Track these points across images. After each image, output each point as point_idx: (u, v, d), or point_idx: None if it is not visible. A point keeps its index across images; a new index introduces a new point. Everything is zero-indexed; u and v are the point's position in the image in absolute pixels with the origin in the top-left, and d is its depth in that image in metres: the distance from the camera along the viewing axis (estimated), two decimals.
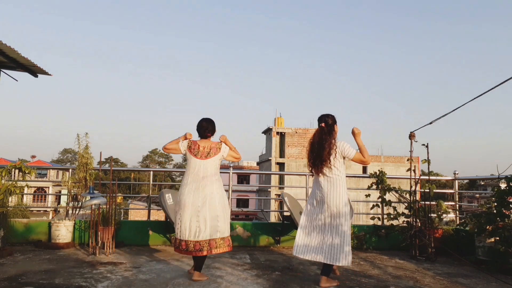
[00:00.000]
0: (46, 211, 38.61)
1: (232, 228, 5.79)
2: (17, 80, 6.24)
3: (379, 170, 5.93)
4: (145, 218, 6.22)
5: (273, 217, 25.56)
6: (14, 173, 5.25)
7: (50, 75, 6.29)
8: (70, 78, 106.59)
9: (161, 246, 5.48)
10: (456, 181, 6.65)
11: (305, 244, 3.71)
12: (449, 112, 4.50)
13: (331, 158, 3.66)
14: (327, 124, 3.77)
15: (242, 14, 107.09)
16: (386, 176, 5.80)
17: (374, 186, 5.86)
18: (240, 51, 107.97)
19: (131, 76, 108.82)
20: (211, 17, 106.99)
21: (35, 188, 35.90)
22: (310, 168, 3.83)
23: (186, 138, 3.87)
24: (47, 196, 38.91)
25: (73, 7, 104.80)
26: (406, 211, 5.51)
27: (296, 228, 5.42)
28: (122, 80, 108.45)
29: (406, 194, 5.60)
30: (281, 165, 35.95)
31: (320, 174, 3.72)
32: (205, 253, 3.57)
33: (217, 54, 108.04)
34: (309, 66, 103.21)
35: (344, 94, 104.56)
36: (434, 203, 5.50)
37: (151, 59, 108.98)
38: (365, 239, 5.75)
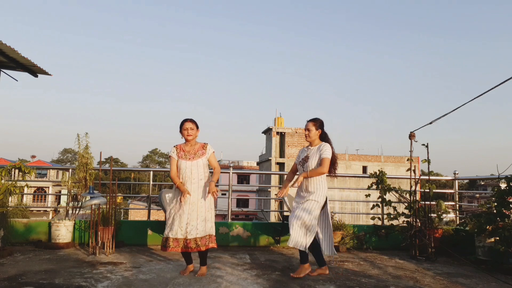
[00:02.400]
0: (46, 211, 38.62)
1: (232, 228, 5.79)
2: (17, 80, 6.25)
3: (379, 170, 5.93)
4: (145, 218, 6.22)
5: (273, 217, 25.55)
6: (14, 173, 5.25)
7: (50, 75, 6.29)
8: (70, 78, 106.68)
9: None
10: (456, 181, 6.64)
11: None
12: (449, 112, 4.50)
13: None
14: None
15: (243, 14, 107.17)
16: (386, 176, 5.80)
17: (374, 186, 5.86)
18: (240, 51, 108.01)
19: (131, 75, 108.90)
20: (211, 17, 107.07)
21: (35, 188, 35.90)
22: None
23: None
24: (47, 196, 38.91)
25: (73, 7, 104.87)
26: (406, 211, 5.51)
27: None
28: (122, 79, 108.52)
29: (406, 194, 5.60)
30: (281, 165, 35.95)
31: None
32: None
33: (217, 54, 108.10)
34: (310, 66, 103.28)
35: (344, 94, 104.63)
36: (434, 203, 5.50)
37: (151, 58, 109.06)
38: (365, 239, 5.75)
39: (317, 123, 4.10)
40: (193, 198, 3.83)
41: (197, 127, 4.02)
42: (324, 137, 4.12)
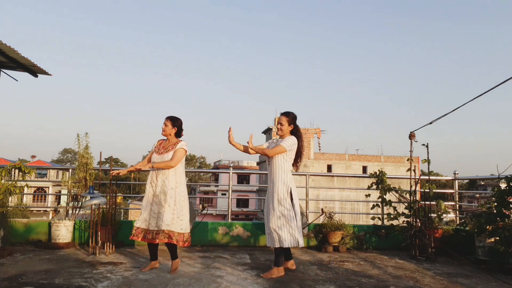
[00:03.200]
0: (46, 211, 38.61)
1: (232, 228, 5.79)
2: (17, 80, 6.25)
3: (379, 170, 5.93)
4: None
5: None
6: (14, 173, 5.25)
7: (50, 75, 6.29)
8: (70, 78, 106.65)
9: (161, 246, 5.47)
10: (456, 181, 6.64)
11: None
12: (449, 112, 4.50)
13: None
14: None
15: (244, 14, 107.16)
16: (386, 176, 5.80)
17: (374, 186, 5.86)
18: (240, 51, 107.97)
19: (131, 75, 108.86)
20: (211, 16, 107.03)
21: (35, 188, 35.88)
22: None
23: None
24: (47, 196, 38.91)
25: (72, 7, 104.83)
26: (406, 211, 5.51)
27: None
28: (122, 79, 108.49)
29: (406, 194, 5.60)
30: None
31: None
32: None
33: (218, 54, 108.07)
34: (309, 66, 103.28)
35: (344, 94, 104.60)
36: (434, 203, 5.50)
37: (152, 58, 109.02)
38: (365, 239, 5.75)
39: (290, 118, 4.14)
40: (156, 191, 3.97)
41: (173, 125, 4.10)
42: (295, 132, 4.17)
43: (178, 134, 4.16)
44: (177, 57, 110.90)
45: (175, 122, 4.11)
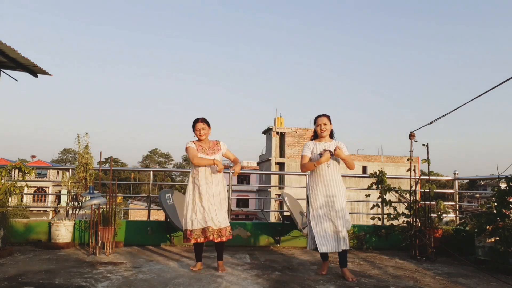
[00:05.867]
0: (46, 211, 38.60)
1: (232, 228, 5.78)
2: (17, 80, 6.25)
3: (379, 170, 5.93)
4: (145, 218, 6.22)
5: (273, 217, 25.55)
6: (14, 173, 5.25)
7: (50, 75, 6.29)
8: (70, 78, 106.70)
9: (161, 246, 5.48)
10: (456, 181, 6.64)
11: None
12: (449, 112, 4.50)
13: None
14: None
15: (243, 14, 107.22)
16: (386, 176, 5.80)
17: (374, 186, 5.85)
18: (240, 51, 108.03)
19: (132, 75, 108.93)
20: (211, 16, 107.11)
21: (35, 188, 35.88)
22: None
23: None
24: (47, 196, 38.91)
25: (72, 7, 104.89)
26: (406, 211, 5.51)
27: (296, 228, 5.43)
28: (122, 79, 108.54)
29: (406, 194, 5.60)
30: (281, 165, 35.95)
31: None
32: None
33: (218, 54, 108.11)
34: (309, 66, 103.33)
35: (344, 94, 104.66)
36: (434, 203, 5.50)
37: (152, 58, 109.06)
38: (365, 239, 5.75)
39: (330, 118, 4.11)
40: (216, 191, 4.03)
41: (209, 126, 4.17)
42: (333, 133, 4.22)
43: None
44: (177, 57, 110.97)
45: (208, 123, 4.16)
